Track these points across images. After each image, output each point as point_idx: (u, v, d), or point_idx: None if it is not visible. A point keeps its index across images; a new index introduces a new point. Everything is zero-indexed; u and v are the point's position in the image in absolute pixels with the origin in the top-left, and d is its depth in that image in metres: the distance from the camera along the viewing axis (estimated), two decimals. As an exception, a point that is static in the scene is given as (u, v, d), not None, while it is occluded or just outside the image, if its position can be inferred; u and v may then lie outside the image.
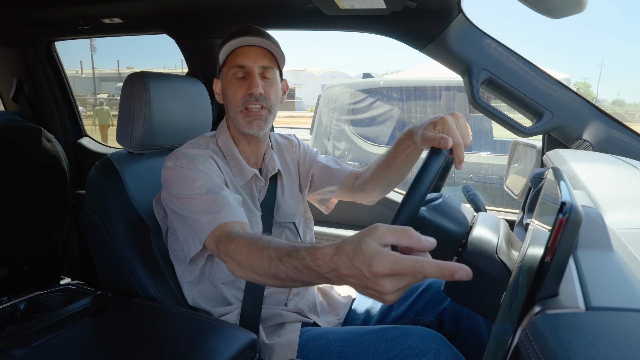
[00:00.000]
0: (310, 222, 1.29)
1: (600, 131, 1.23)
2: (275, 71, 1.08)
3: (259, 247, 0.73)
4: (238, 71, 1.04)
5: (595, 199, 0.71)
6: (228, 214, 0.89)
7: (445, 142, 0.78)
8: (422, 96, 3.49)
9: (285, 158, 1.24)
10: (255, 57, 1.04)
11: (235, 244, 0.78)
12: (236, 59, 1.04)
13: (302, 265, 0.63)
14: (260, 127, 1.06)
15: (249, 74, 1.04)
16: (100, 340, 0.91)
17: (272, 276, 0.70)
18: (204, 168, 0.98)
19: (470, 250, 0.81)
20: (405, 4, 1.18)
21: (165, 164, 1.01)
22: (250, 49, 1.04)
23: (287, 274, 0.66)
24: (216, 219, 0.88)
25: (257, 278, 0.75)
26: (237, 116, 1.06)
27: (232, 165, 1.09)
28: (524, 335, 0.35)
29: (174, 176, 0.97)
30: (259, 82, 1.03)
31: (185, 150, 1.03)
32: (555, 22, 61.01)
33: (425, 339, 0.90)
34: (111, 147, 2.32)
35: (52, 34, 2.02)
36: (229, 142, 1.11)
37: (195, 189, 0.93)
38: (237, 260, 0.77)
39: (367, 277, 0.54)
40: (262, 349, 1.03)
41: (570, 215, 0.36)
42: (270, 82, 1.07)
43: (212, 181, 0.96)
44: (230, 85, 1.06)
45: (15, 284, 2.04)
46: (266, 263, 0.70)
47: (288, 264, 0.66)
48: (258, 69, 1.04)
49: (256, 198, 1.12)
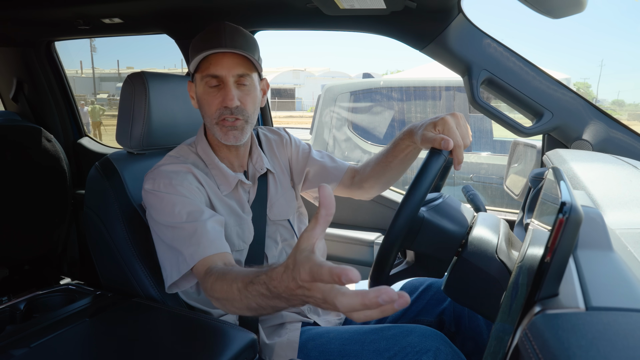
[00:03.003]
0: (305, 217, 1.27)
1: (600, 131, 1.23)
2: (252, 76, 1.00)
3: (228, 281, 0.74)
4: (211, 80, 0.98)
5: (595, 199, 0.71)
6: (208, 247, 0.89)
7: (446, 143, 0.78)
8: (422, 96, 3.49)
9: (276, 154, 1.21)
10: (229, 65, 0.96)
11: (210, 282, 0.80)
12: (209, 67, 0.96)
13: (264, 289, 0.63)
14: (237, 138, 1.01)
15: (223, 84, 0.98)
16: (100, 340, 0.90)
17: (246, 307, 0.70)
18: (182, 189, 0.96)
19: (470, 250, 0.81)
20: (405, 4, 1.18)
21: (144, 185, 0.99)
22: (223, 55, 0.96)
23: (257, 302, 0.66)
24: (197, 253, 0.88)
25: (236, 311, 0.76)
26: (214, 127, 1.01)
27: (215, 175, 1.06)
28: (524, 335, 0.35)
29: (153, 200, 0.97)
30: (234, 93, 0.97)
31: (162, 167, 1.00)
32: (555, 22, 60.98)
33: (426, 337, 0.90)
34: (111, 147, 2.32)
35: (52, 34, 2.01)
36: (207, 150, 1.07)
37: (175, 216, 0.93)
38: (216, 297, 0.78)
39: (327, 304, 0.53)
40: (263, 349, 1.03)
41: (570, 215, 0.36)
42: (247, 89, 1.00)
43: (191, 204, 0.95)
44: (204, 95, 1.00)
45: (15, 284, 2.04)
46: (237, 296, 0.71)
47: (254, 292, 0.66)
48: (233, 78, 0.97)
49: (245, 201, 1.09)
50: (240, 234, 1.05)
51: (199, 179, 1.02)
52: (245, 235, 1.06)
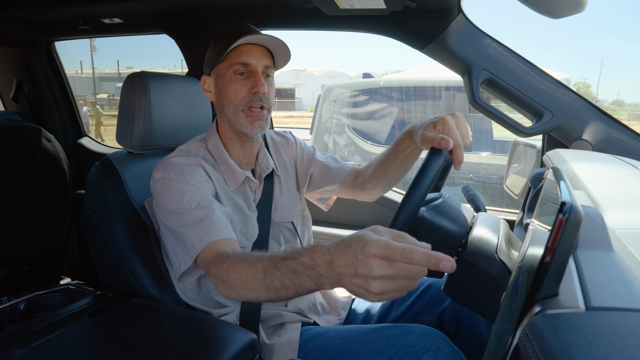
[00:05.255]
0: (308, 221, 1.28)
1: (600, 131, 1.23)
2: (273, 70, 1.08)
3: (251, 262, 0.75)
4: (240, 68, 1.02)
5: (595, 199, 0.71)
6: (218, 232, 0.90)
7: (446, 142, 0.78)
8: (422, 96, 3.49)
9: (282, 156, 1.23)
10: (259, 55, 1.03)
11: (227, 264, 0.80)
12: (239, 56, 1.01)
13: (298, 264, 0.65)
14: (262, 128, 1.05)
15: (252, 73, 1.02)
16: (100, 340, 0.90)
17: (267, 287, 0.71)
18: (193, 180, 0.98)
19: (470, 250, 0.81)
20: (405, 4, 1.18)
21: (153, 175, 1.00)
22: (253, 47, 1.03)
23: (282, 281, 0.68)
24: (207, 236, 0.89)
25: (249, 294, 0.76)
26: (238, 115, 1.03)
27: (224, 170, 1.07)
28: (524, 335, 0.35)
29: (162, 189, 0.97)
30: (264, 81, 1.02)
31: (173, 159, 1.02)
32: (555, 22, 61.07)
33: (426, 337, 0.90)
34: (111, 147, 2.32)
35: (52, 34, 2.02)
36: (218, 145, 1.09)
37: (184, 203, 0.93)
38: (229, 280, 0.78)
39: (357, 260, 0.57)
40: (263, 349, 1.03)
41: (570, 215, 0.36)
42: (271, 81, 1.07)
43: (201, 194, 0.96)
44: (231, 83, 1.03)
45: (15, 284, 2.04)
46: (261, 275, 0.72)
47: (284, 268, 0.68)
48: (261, 68, 1.03)
49: (251, 199, 1.11)
50: (244, 232, 1.06)
51: (208, 173, 1.03)
52: (249, 233, 1.07)
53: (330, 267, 0.61)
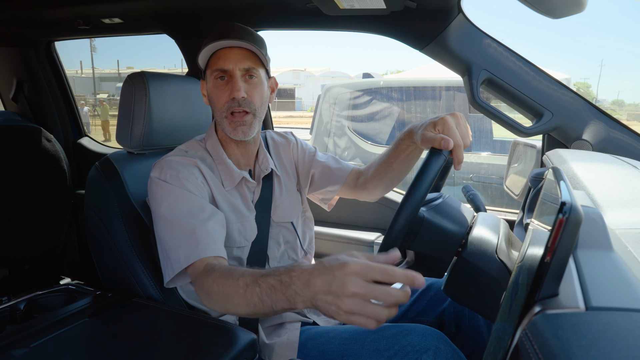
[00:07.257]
0: (310, 222, 1.28)
1: (600, 131, 1.23)
2: (259, 71, 1.03)
3: (234, 277, 0.77)
4: (220, 73, 1.01)
5: (595, 199, 0.71)
6: (205, 249, 0.90)
7: (446, 143, 0.78)
8: (422, 96, 3.49)
9: (282, 157, 1.22)
10: (236, 59, 1.00)
11: (212, 277, 0.82)
12: (217, 61, 1.00)
13: (276, 280, 0.68)
14: (245, 133, 1.03)
15: (230, 77, 1.01)
16: (100, 340, 0.90)
17: (246, 302, 0.73)
18: (188, 183, 0.98)
19: (470, 250, 0.81)
20: (405, 4, 1.18)
21: (151, 173, 1.01)
22: (231, 50, 1.00)
23: (260, 297, 0.70)
24: (194, 254, 0.90)
25: (230, 308, 0.78)
26: (223, 121, 1.03)
27: (221, 170, 1.07)
28: (524, 335, 0.35)
29: (156, 190, 0.98)
30: (241, 85, 0.99)
31: (171, 158, 1.03)
32: (555, 22, 61.00)
33: (426, 337, 0.90)
34: (111, 147, 2.32)
35: (52, 34, 2.02)
36: (216, 146, 1.09)
37: (174, 208, 0.94)
38: (213, 293, 0.81)
39: (335, 277, 0.60)
40: (262, 349, 1.03)
41: (570, 215, 0.36)
42: (254, 83, 1.03)
43: (194, 200, 0.96)
44: (213, 89, 1.03)
45: (15, 284, 2.04)
46: (242, 290, 0.74)
47: (264, 284, 0.70)
48: (240, 72, 1.00)
49: (249, 199, 1.11)
50: (241, 231, 1.06)
51: (204, 175, 1.04)
52: (247, 232, 1.07)
53: (306, 286, 0.64)
